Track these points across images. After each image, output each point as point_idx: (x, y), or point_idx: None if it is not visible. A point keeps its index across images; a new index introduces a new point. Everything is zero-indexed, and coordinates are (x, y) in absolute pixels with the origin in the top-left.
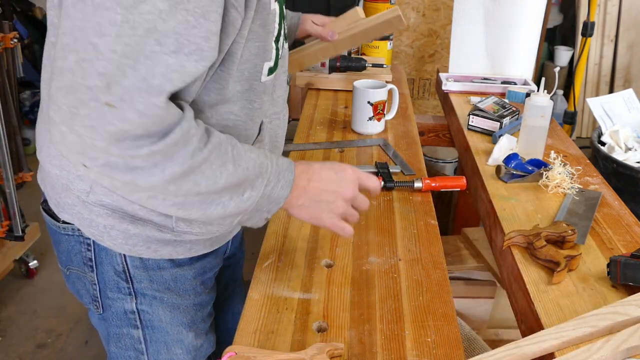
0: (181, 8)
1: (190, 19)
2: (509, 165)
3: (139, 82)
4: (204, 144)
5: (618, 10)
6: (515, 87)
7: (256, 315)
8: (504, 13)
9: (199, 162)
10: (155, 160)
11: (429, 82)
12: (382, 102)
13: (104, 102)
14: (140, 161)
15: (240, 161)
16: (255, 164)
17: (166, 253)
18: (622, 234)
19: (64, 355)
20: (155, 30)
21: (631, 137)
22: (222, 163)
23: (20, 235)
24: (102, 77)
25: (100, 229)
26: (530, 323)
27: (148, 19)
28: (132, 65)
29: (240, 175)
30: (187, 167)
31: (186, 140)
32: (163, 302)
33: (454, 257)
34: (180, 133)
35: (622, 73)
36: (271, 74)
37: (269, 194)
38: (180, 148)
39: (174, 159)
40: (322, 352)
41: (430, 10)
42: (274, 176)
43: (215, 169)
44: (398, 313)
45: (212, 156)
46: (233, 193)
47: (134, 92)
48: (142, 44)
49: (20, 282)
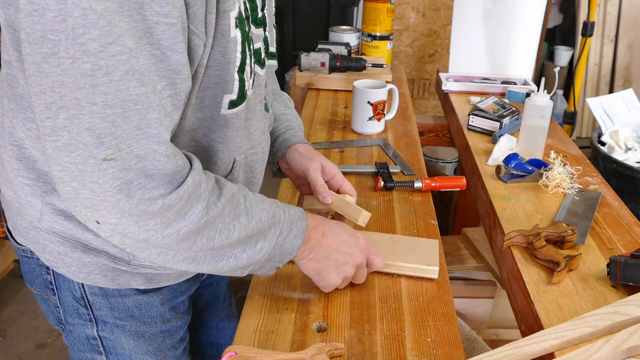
0: (146, 42)
1: (156, 52)
2: (509, 165)
3: (133, 130)
4: (217, 198)
5: (618, 10)
6: (515, 87)
7: (256, 315)
8: (504, 13)
9: (213, 217)
10: (169, 220)
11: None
12: (382, 102)
13: (101, 159)
14: (153, 222)
15: (254, 213)
16: (268, 214)
17: (124, 282)
18: (622, 234)
19: (64, 355)
20: (133, 70)
21: (631, 137)
22: (235, 216)
23: None
24: (90, 132)
25: (55, 255)
26: (530, 323)
27: (121, 60)
28: (121, 114)
29: (253, 227)
30: (202, 224)
31: (199, 195)
32: (126, 330)
33: (454, 257)
34: (192, 186)
35: (622, 73)
36: (234, 107)
37: (281, 244)
38: (194, 203)
39: (188, 216)
40: (322, 352)
41: (430, 10)
42: (286, 226)
43: (228, 223)
44: (398, 313)
45: (225, 210)
46: (245, 245)
47: (131, 140)
48: (123, 89)
49: (20, 282)
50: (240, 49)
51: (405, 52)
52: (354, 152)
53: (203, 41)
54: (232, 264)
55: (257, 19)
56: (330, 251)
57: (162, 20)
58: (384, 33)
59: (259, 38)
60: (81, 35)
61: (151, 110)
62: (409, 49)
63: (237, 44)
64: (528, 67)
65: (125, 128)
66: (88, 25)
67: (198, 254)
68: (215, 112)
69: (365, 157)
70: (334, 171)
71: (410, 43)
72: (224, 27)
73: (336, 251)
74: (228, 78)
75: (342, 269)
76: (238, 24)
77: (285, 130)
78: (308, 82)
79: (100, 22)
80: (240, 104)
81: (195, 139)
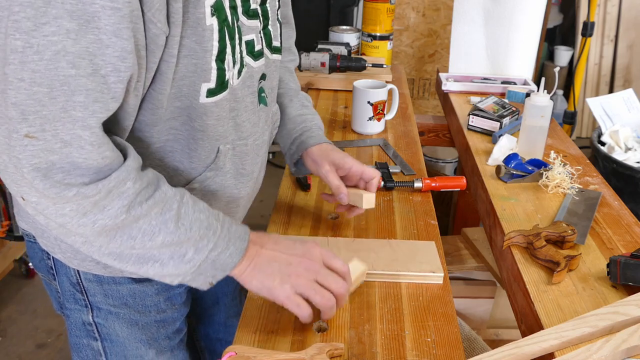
0: (92, 26)
1: (102, 37)
2: (509, 165)
3: (59, 112)
4: (145, 199)
5: (618, 10)
6: (515, 87)
7: (256, 315)
8: (504, 13)
9: (135, 217)
10: (85, 209)
11: (429, 82)
12: (382, 102)
13: (23, 134)
14: (69, 207)
15: (184, 221)
16: (201, 225)
17: (117, 271)
18: (622, 234)
19: (64, 355)
20: (65, 52)
21: (631, 137)
22: (164, 220)
23: (20, 235)
24: (15, 107)
25: (52, 241)
26: (530, 323)
27: (54, 40)
28: (48, 93)
29: (181, 235)
30: (120, 221)
31: (121, 192)
32: (119, 317)
33: (454, 257)
34: (115, 181)
35: (622, 73)
36: (212, 96)
37: (214, 258)
38: (115, 199)
39: (106, 210)
40: (322, 352)
41: (430, 10)
42: (222, 241)
43: (154, 225)
44: (398, 313)
45: (152, 212)
46: (173, 252)
47: (57, 122)
48: (52, 68)
49: (20, 282)
50: (218, 38)
51: (405, 52)
52: (354, 152)
53: (163, 31)
54: (157, 270)
55: (249, 10)
56: (269, 259)
57: (108, 4)
58: (384, 33)
59: (252, 30)
60: (16, 13)
61: (77, 93)
62: (409, 49)
63: (213, 32)
64: (528, 67)
65: (51, 109)
66: (25, 4)
67: (122, 251)
68: (194, 100)
69: (365, 157)
70: (348, 164)
71: (410, 43)
72: (198, 15)
73: (277, 257)
74: (205, 66)
75: (286, 272)
76: (214, 12)
77: (300, 132)
78: (308, 82)
79: (37, 3)
80: (220, 93)
81: (174, 127)
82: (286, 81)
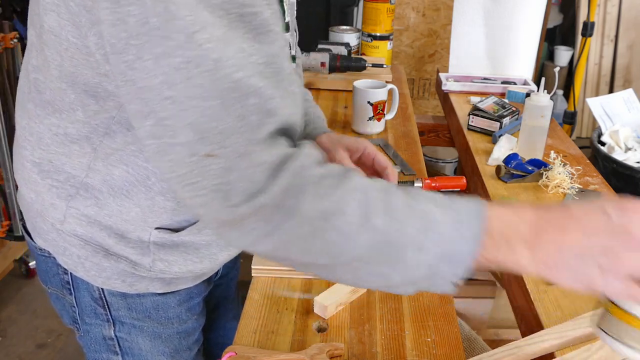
0: (267, 30)
1: (249, 35)
2: (509, 165)
3: (235, 121)
4: (335, 186)
5: (618, 10)
6: (515, 87)
7: (256, 315)
8: (504, 13)
9: (322, 209)
10: (267, 217)
11: (429, 82)
12: (382, 102)
13: (203, 155)
14: (247, 222)
15: (396, 213)
16: (418, 215)
17: (143, 287)
18: None
19: (64, 355)
20: (225, 57)
21: (631, 137)
22: (365, 215)
23: (20, 235)
24: (190, 127)
25: (74, 259)
26: (530, 323)
27: (209, 47)
28: (221, 104)
29: (392, 234)
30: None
31: (300, 188)
32: (143, 330)
33: None
34: (288, 177)
35: (622, 73)
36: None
37: (445, 253)
38: (295, 195)
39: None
40: (322, 352)
41: (430, 10)
42: (450, 227)
43: (353, 225)
44: (398, 313)
45: (345, 204)
46: (384, 262)
47: (234, 136)
48: (217, 78)
49: (20, 282)
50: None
51: (405, 52)
52: None
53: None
54: (381, 283)
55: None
56: (581, 250)
57: (267, 9)
58: (384, 33)
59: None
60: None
61: (252, 96)
62: (409, 49)
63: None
64: (528, 67)
65: (227, 121)
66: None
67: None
68: None
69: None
70: (361, 146)
71: (410, 43)
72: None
73: (591, 249)
74: None
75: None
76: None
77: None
78: (308, 82)
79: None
80: None
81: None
82: None
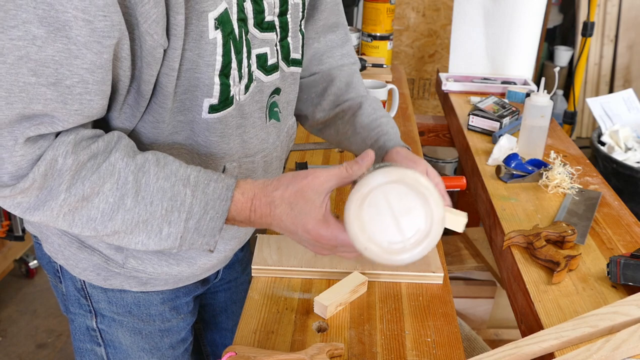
0: (62, 35)
1: (72, 47)
2: (509, 165)
3: (15, 117)
4: (91, 174)
5: (618, 10)
6: (515, 87)
7: (256, 315)
8: (504, 13)
9: (83, 196)
10: (29, 202)
11: (429, 82)
12: (382, 102)
13: None
14: (10, 202)
15: (145, 193)
16: (164, 196)
17: (117, 283)
18: (621, 234)
19: (64, 355)
20: (28, 58)
21: (631, 137)
22: (120, 196)
23: (20, 235)
24: None
25: (55, 247)
26: (530, 323)
27: (19, 45)
28: (6, 97)
29: (141, 211)
30: (69, 203)
31: (55, 172)
32: (123, 325)
33: (454, 257)
34: (44, 163)
35: (622, 73)
36: (215, 112)
37: (195, 227)
38: (53, 180)
39: (50, 195)
40: (322, 352)
41: (430, 10)
42: (197, 207)
43: (112, 203)
44: (398, 313)
45: (104, 187)
46: (147, 230)
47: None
48: (13, 73)
49: (20, 282)
50: (222, 52)
51: (405, 52)
52: None
53: (160, 43)
54: (143, 247)
55: (262, 23)
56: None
57: (80, 15)
58: (384, 33)
59: (266, 42)
60: None
61: (35, 102)
62: (409, 49)
63: (216, 46)
64: (528, 67)
65: (7, 114)
66: None
67: (94, 234)
68: (197, 115)
69: None
70: (437, 179)
71: (410, 43)
72: (200, 28)
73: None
74: (207, 81)
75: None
76: (218, 25)
77: (377, 137)
78: None
79: (7, 5)
80: (224, 109)
81: (177, 142)
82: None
